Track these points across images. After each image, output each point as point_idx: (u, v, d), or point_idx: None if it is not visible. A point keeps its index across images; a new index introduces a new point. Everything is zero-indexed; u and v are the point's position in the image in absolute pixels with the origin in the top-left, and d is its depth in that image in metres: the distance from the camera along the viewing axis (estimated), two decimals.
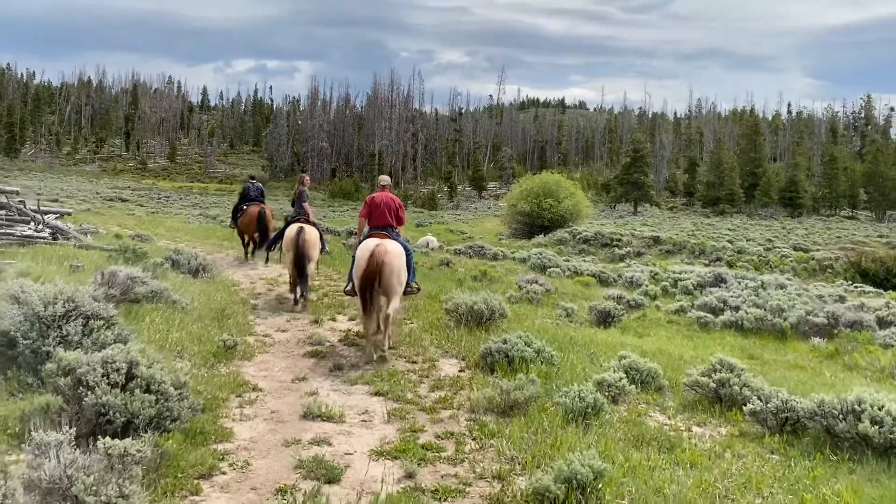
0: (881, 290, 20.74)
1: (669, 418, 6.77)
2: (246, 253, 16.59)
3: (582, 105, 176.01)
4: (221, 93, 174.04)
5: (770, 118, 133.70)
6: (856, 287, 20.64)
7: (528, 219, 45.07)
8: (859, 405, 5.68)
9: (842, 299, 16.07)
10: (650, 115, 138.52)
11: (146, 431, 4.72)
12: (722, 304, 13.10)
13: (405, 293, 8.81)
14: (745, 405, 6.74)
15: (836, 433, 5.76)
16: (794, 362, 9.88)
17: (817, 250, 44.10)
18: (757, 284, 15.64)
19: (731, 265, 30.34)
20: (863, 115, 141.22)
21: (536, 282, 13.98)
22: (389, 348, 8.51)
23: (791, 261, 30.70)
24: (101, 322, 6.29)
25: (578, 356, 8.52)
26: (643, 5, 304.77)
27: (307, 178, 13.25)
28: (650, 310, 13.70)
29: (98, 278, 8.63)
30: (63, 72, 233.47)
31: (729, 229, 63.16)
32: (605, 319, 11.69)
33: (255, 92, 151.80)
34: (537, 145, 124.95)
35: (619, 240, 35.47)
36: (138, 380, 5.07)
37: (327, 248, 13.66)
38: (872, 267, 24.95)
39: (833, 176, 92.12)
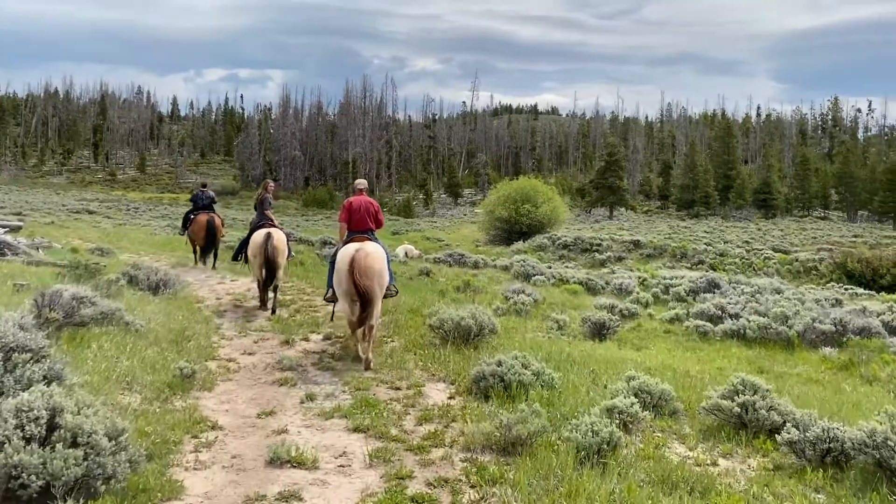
0: (872, 292, 20.25)
1: (690, 449, 5.95)
2: (195, 259, 16.79)
3: (555, 111, 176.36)
4: (192, 102, 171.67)
5: (741, 121, 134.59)
6: (846, 289, 20.13)
7: (506, 225, 44.37)
8: None
9: (839, 303, 15.46)
10: (622, 120, 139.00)
11: (67, 498, 3.78)
12: (720, 312, 12.37)
13: (385, 296, 8.62)
14: (776, 432, 5.99)
15: (892, 468, 4.97)
16: (807, 375, 9.14)
17: (796, 251, 44.00)
18: (753, 290, 14.95)
19: (713, 268, 29.85)
20: (831, 116, 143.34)
21: (523, 292, 13.14)
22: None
23: (774, 263, 30.26)
24: (28, 355, 5.31)
25: (579, 376, 7.67)
26: (614, 12, 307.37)
27: (271, 184, 13.12)
28: (644, 319, 12.93)
29: (37, 300, 7.61)
30: (29, 83, 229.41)
31: (705, 232, 63.26)
32: (599, 331, 10.89)
33: (226, 101, 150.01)
34: (511, 151, 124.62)
35: (600, 245, 34.83)
36: (62, 431, 4.13)
37: (293, 254, 13.42)
38: (858, 268, 24.51)
39: (805, 177, 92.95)
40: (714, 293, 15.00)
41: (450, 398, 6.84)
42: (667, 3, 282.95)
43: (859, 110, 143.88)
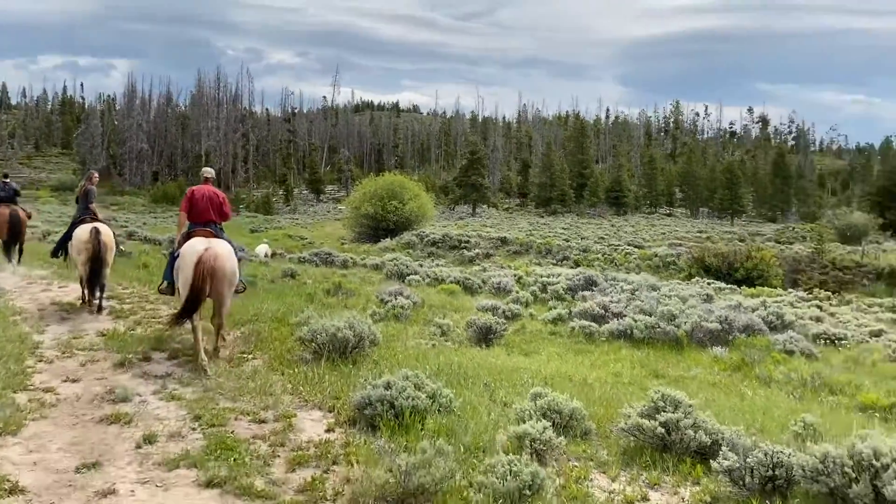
0: (733, 286, 20.93)
1: (613, 480, 5.14)
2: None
3: (416, 109, 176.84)
4: (24, 90, 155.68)
5: (592, 122, 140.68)
6: (708, 283, 20.68)
7: (373, 222, 43.13)
8: (876, 458, 4.29)
9: (709, 298, 15.59)
10: (482, 119, 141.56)
11: None
12: (604, 311, 11.92)
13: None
14: (702, 454, 5.34)
15: (847, 498, 4.34)
16: (704, 378, 8.73)
17: (649, 246, 45.86)
18: (631, 287, 14.74)
19: (578, 263, 30.20)
20: (673, 120, 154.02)
21: (401, 294, 12.08)
22: (215, 351, 7.76)
23: (635, 258, 31.06)
24: None
25: (475, 393, 6.72)
26: (469, 13, 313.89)
27: (96, 175, 12.04)
28: (527, 320, 12.27)
29: None
30: None
31: (563, 228, 65.32)
32: (486, 336, 10.04)
33: (65, 90, 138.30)
34: (374, 148, 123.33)
35: (468, 242, 34.46)
36: None
37: (122, 248, 12.28)
38: (715, 262, 25.50)
39: (652, 176, 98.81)
40: (592, 291, 14.66)
41: (328, 431, 5.65)
42: (517, 7, 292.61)
43: (697, 114, 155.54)
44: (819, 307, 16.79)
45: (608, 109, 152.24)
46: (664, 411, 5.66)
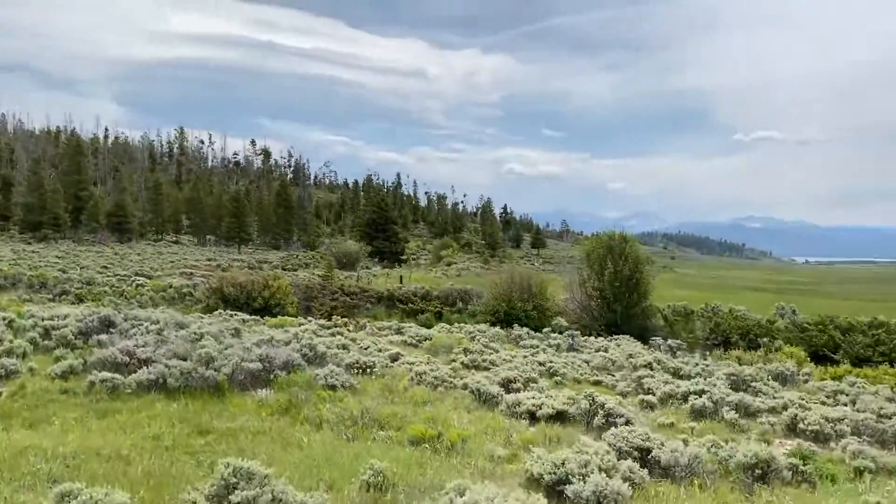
0: (257, 317, 20.68)
1: None
2: None
3: None
4: None
5: (90, 141, 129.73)
6: (231, 315, 20.05)
7: None
8: None
9: (237, 333, 14.97)
10: None
11: None
12: (129, 358, 10.22)
13: None
14: None
15: None
16: (254, 427, 7.92)
17: (158, 276, 43.59)
18: (158, 327, 13.11)
19: (81, 299, 26.73)
20: (178, 145, 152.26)
21: None
22: None
23: (148, 290, 28.78)
24: None
25: None
26: None
27: None
28: (27, 377, 9.79)
29: None
30: None
31: (58, 257, 58.38)
32: None
33: None
34: None
35: None
36: None
37: None
38: (233, 292, 25.09)
39: (158, 202, 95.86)
40: (111, 333, 12.62)
41: None
42: None
43: (202, 142, 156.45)
44: (341, 334, 17.67)
45: (107, 129, 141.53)
46: (237, 489, 4.74)
